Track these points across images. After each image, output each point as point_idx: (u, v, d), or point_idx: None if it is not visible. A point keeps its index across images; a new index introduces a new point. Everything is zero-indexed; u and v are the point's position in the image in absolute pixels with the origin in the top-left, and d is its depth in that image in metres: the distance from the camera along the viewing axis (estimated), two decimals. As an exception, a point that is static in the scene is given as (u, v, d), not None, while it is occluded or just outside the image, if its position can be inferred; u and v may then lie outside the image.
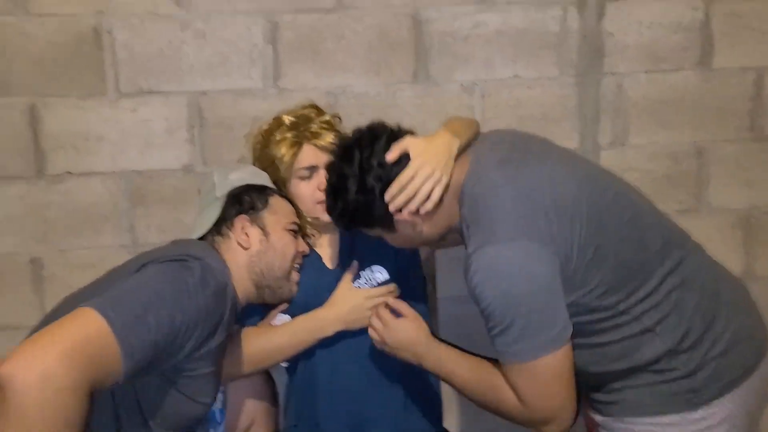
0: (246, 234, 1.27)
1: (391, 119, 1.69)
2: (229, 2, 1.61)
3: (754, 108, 1.78)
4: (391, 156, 1.12)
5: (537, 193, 1.06)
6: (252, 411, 1.40)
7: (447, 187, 1.11)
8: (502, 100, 1.72)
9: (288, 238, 1.31)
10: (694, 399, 1.09)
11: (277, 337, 1.32)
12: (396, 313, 1.25)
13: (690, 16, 1.73)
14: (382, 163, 1.11)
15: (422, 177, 1.09)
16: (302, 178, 1.33)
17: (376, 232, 1.20)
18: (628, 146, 1.78)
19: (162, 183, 1.65)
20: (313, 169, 1.33)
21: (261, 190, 1.32)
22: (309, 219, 1.37)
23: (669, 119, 1.78)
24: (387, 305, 1.27)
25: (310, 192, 1.33)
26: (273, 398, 1.45)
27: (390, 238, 1.20)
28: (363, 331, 1.29)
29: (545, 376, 1.03)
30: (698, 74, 1.76)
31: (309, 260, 1.37)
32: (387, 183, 1.11)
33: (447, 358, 1.18)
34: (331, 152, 1.24)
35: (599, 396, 1.17)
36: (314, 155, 1.32)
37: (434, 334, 1.26)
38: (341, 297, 1.32)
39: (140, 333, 0.97)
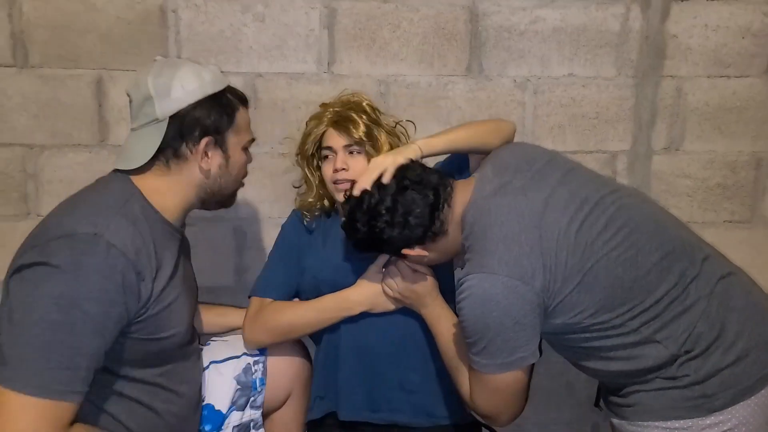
0: (207, 159, 1.18)
1: (442, 111, 1.71)
2: (289, -13, 1.65)
3: (822, 121, 1.71)
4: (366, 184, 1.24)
5: (526, 229, 1.13)
6: (290, 383, 1.44)
7: (451, 215, 1.22)
8: (555, 98, 1.70)
9: (243, 159, 1.25)
10: (705, 405, 1.10)
11: (304, 311, 1.37)
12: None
13: (760, 22, 1.67)
14: (389, 209, 1.20)
15: (374, 165, 1.24)
16: (325, 159, 1.40)
17: (392, 259, 1.33)
18: (682, 152, 1.73)
19: (215, 160, 1.71)
20: (330, 149, 1.38)
21: (228, 103, 1.20)
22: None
23: (729, 127, 1.72)
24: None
25: (329, 173, 1.39)
26: (310, 371, 1.49)
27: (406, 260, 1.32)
28: (388, 312, 1.36)
29: (492, 388, 1.18)
30: (765, 82, 1.70)
31: (337, 238, 1.41)
32: (394, 225, 1.20)
33: (443, 319, 1.30)
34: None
35: (616, 399, 1.20)
36: (333, 138, 1.38)
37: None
38: (369, 279, 1.36)
39: (64, 377, 1.00)
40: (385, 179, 1.21)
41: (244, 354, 1.40)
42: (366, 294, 1.35)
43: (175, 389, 1.22)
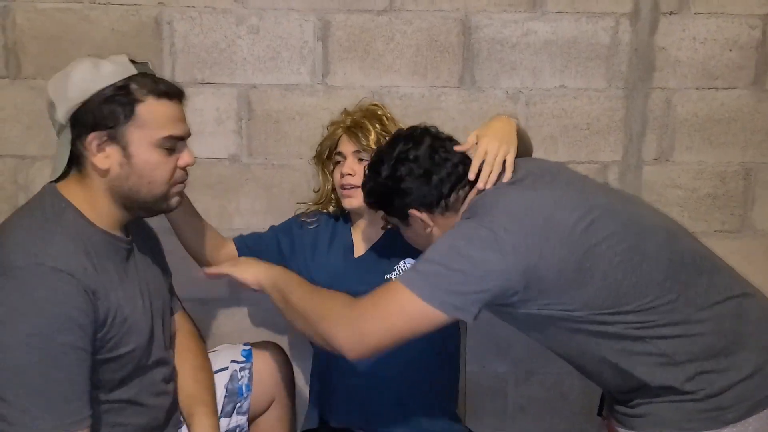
0: (103, 155, 1.07)
1: (435, 122, 1.71)
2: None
3: (809, 131, 1.74)
4: (459, 147, 1.25)
5: (531, 214, 1.11)
6: (273, 388, 1.45)
7: (464, 198, 1.21)
8: (546, 109, 1.72)
9: (157, 158, 1.09)
10: (720, 417, 1.09)
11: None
12: None
13: (747, 35, 1.70)
14: (418, 158, 1.20)
15: (492, 152, 1.21)
16: (335, 162, 1.45)
17: (393, 220, 1.29)
18: (672, 163, 1.76)
19: (209, 171, 1.71)
20: (341, 155, 1.43)
21: (125, 94, 1.07)
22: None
23: (718, 138, 1.75)
24: None
25: (338, 177, 1.43)
26: (293, 377, 1.51)
27: (403, 231, 1.30)
28: None
29: (386, 308, 1.07)
30: (752, 94, 1.72)
31: (340, 244, 1.42)
32: (416, 177, 1.19)
33: (295, 278, 1.25)
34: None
35: (624, 409, 1.19)
36: (345, 144, 1.43)
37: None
38: None
39: (72, 409, 0.99)
40: (509, 164, 1.21)
41: (232, 361, 1.40)
42: None
43: (145, 402, 1.18)
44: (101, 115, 1.06)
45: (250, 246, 1.50)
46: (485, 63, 1.69)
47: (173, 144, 1.11)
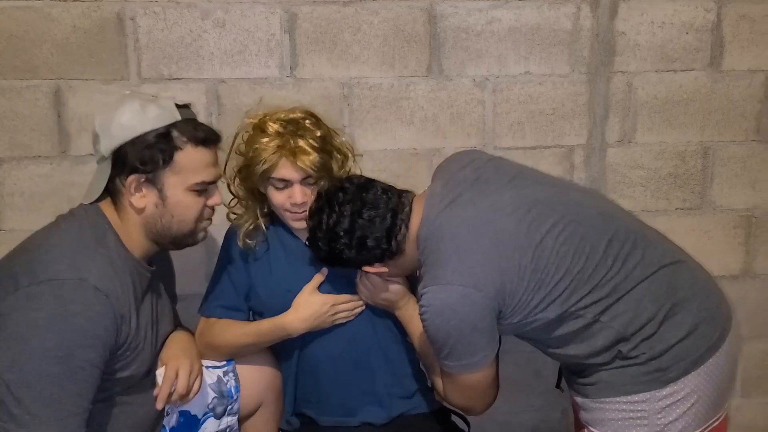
0: (140, 195, 1.17)
1: (405, 111, 1.74)
2: (249, -8, 1.65)
3: (763, 110, 1.81)
4: None
5: (478, 237, 1.19)
6: (261, 393, 1.47)
7: (408, 235, 1.27)
8: (513, 96, 1.75)
9: (190, 200, 1.19)
10: (661, 378, 1.18)
11: (244, 335, 1.39)
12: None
13: (702, 18, 1.75)
14: (347, 231, 1.25)
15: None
16: (276, 188, 1.34)
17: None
18: (635, 144, 1.81)
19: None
20: (286, 182, 1.32)
21: (166, 141, 1.15)
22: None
23: (677, 119, 1.81)
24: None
25: (281, 201, 1.34)
26: (281, 380, 1.50)
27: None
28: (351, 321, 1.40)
29: (460, 385, 1.27)
30: (708, 75, 1.78)
31: (295, 248, 1.42)
32: (353, 247, 1.25)
33: (415, 320, 1.33)
34: (314, 201, 1.31)
35: (578, 379, 1.28)
36: (289, 171, 1.31)
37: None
38: (304, 302, 1.37)
39: (75, 422, 1.05)
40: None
41: (210, 366, 1.41)
42: (300, 317, 1.36)
43: (132, 410, 1.23)
44: (142, 159, 1.14)
45: (237, 307, 1.44)
46: (451, 51, 1.72)
47: (204, 187, 1.21)
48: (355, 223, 1.25)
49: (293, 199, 1.32)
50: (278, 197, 1.34)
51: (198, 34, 1.66)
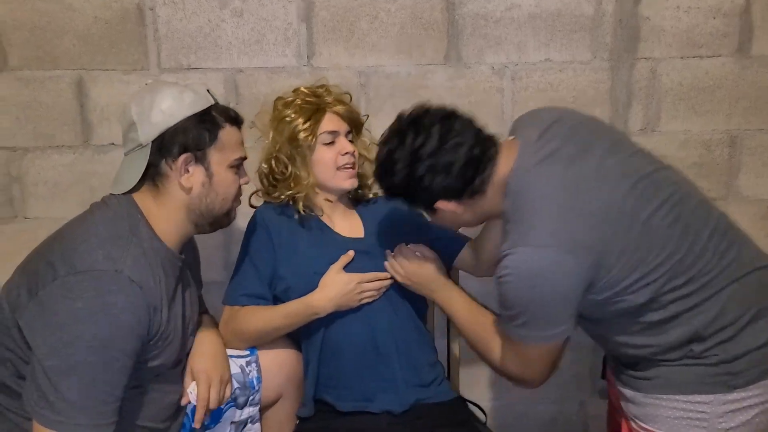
0: (188, 175, 1.19)
1: (422, 100, 1.72)
2: (266, -19, 1.65)
3: (793, 97, 1.76)
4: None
5: (581, 198, 1.09)
6: (282, 384, 1.47)
7: (494, 177, 1.15)
8: (532, 83, 1.73)
9: (231, 177, 1.23)
10: (729, 382, 1.11)
11: (272, 318, 1.39)
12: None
13: (730, 2, 1.70)
14: (433, 152, 1.13)
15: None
16: (325, 144, 1.40)
17: (417, 208, 1.28)
18: (659, 132, 1.77)
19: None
20: (334, 134, 1.40)
21: (210, 121, 1.20)
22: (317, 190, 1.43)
23: (703, 106, 1.76)
24: (407, 245, 1.38)
25: (333, 157, 1.40)
26: (302, 371, 1.49)
27: (430, 217, 1.28)
28: (359, 308, 1.38)
29: (529, 357, 1.18)
30: (736, 61, 1.73)
31: (320, 231, 1.43)
32: (437, 172, 1.14)
33: (456, 299, 1.32)
34: (389, 127, 1.23)
35: (632, 372, 1.20)
36: (335, 121, 1.40)
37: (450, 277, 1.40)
38: (330, 281, 1.37)
39: (107, 411, 1.07)
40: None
41: (233, 356, 1.41)
42: (330, 297, 1.36)
43: (159, 398, 1.25)
44: (191, 139, 1.17)
45: (262, 295, 1.43)
46: (470, 39, 1.70)
47: (240, 164, 1.25)
48: (443, 147, 1.12)
49: (344, 148, 1.39)
50: (328, 154, 1.39)
51: (216, 24, 1.67)
